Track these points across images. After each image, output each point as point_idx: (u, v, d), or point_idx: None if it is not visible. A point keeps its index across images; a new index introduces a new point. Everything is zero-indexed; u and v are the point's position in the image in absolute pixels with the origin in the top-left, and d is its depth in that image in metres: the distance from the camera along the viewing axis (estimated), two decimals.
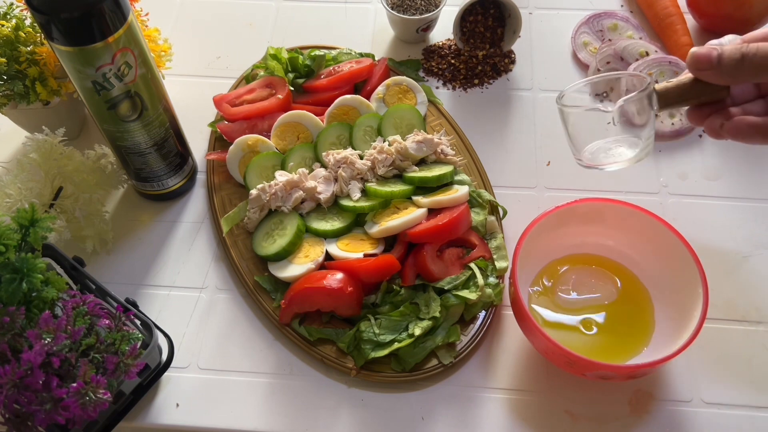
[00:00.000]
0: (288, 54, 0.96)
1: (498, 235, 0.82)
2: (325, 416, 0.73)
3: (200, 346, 0.78)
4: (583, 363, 0.65)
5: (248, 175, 0.85)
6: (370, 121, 0.89)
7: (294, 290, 0.76)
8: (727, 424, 0.71)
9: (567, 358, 0.66)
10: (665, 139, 0.92)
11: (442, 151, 0.86)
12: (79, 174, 0.81)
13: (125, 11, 0.67)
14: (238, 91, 0.93)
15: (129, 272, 0.84)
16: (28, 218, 0.64)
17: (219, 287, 0.82)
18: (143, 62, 0.72)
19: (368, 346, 0.74)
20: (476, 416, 0.73)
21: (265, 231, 0.82)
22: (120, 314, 0.66)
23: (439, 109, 0.95)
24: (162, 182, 0.85)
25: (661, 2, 1.01)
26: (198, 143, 0.92)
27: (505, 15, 0.99)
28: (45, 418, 0.58)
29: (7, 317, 0.60)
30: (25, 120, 0.90)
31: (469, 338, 0.76)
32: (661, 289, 0.75)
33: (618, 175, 0.89)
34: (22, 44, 0.83)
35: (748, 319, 0.78)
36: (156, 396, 0.75)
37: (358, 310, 0.76)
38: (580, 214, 0.75)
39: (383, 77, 0.94)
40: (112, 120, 0.75)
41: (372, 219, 0.81)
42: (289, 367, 0.76)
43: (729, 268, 0.82)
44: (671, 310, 0.72)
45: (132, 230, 0.87)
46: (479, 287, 0.76)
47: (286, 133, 0.89)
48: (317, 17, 1.08)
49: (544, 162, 0.91)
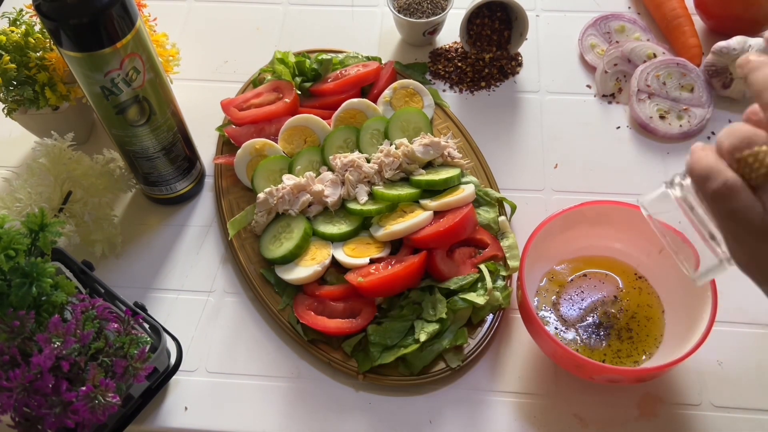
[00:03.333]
0: (295, 58, 0.96)
1: (510, 234, 0.82)
2: (332, 419, 0.73)
3: (208, 350, 0.78)
4: (591, 366, 0.65)
5: (256, 178, 0.85)
6: (377, 124, 0.89)
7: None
8: (736, 428, 0.71)
9: (575, 362, 0.66)
10: (673, 140, 0.92)
11: (449, 154, 0.86)
12: (87, 178, 0.82)
13: (133, 17, 0.68)
14: (246, 95, 0.94)
15: (137, 276, 0.84)
16: (37, 223, 0.65)
17: (227, 290, 0.83)
18: (151, 67, 0.73)
19: (376, 350, 0.74)
20: (484, 420, 0.72)
21: (273, 234, 0.83)
22: (129, 318, 0.66)
23: (446, 112, 0.95)
24: (170, 186, 0.86)
25: (668, 4, 1.00)
26: (206, 147, 0.93)
27: (512, 17, 0.99)
28: (54, 421, 0.59)
29: (17, 321, 0.61)
30: (35, 125, 0.90)
31: (476, 341, 0.76)
32: (670, 291, 0.74)
33: (625, 177, 0.89)
34: (31, 50, 0.83)
35: (757, 322, 0.77)
36: (164, 399, 0.75)
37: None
38: (588, 217, 0.75)
39: (390, 80, 0.94)
40: (120, 125, 0.75)
41: (378, 222, 0.81)
42: (296, 370, 0.76)
43: (738, 270, 0.81)
44: (680, 313, 0.72)
45: (140, 234, 0.87)
46: (487, 290, 0.76)
47: (294, 136, 0.89)
48: (324, 21, 1.08)
49: (551, 165, 0.91)
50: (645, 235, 0.74)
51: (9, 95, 0.84)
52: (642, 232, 0.74)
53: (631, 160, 0.91)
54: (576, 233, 0.76)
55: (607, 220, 0.75)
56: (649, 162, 0.90)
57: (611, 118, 0.95)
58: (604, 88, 0.97)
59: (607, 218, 0.75)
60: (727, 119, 0.93)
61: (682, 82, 0.94)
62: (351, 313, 0.77)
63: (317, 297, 0.78)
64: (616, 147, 0.92)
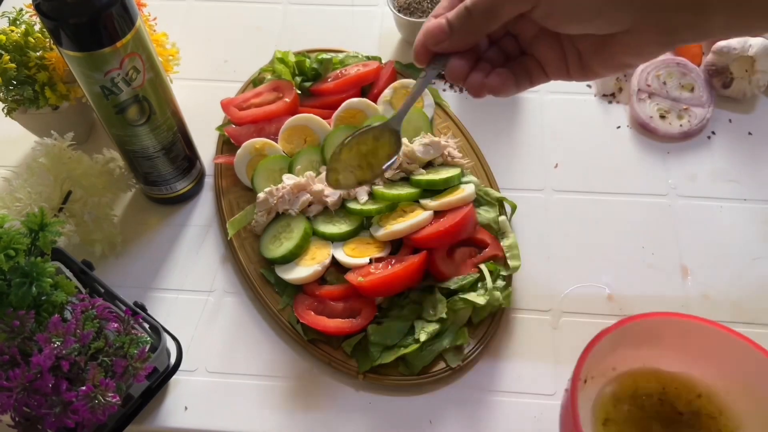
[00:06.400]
0: (295, 57, 0.96)
1: (510, 234, 0.82)
2: (332, 419, 0.73)
3: (208, 349, 0.78)
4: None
5: (256, 178, 0.85)
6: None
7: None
8: None
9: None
10: (674, 140, 0.92)
11: (449, 154, 0.86)
12: (87, 178, 0.82)
13: (133, 16, 0.68)
14: (246, 95, 0.94)
15: (137, 276, 0.84)
16: (37, 222, 0.65)
17: (227, 290, 0.83)
18: (151, 67, 0.73)
19: (376, 350, 0.74)
20: (484, 420, 0.72)
21: (273, 234, 0.83)
22: (128, 318, 0.66)
23: (446, 112, 0.95)
24: (170, 186, 0.86)
25: None
26: (206, 147, 0.93)
27: None
28: (54, 421, 0.59)
29: (17, 321, 0.61)
30: (35, 124, 0.90)
31: (476, 341, 0.76)
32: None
33: (626, 177, 0.89)
34: (31, 49, 0.83)
35: (756, 322, 0.78)
36: (164, 399, 0.75)
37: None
38: (636, 333, 0.63)
39: (390, 80, 0.94)
40: (120, 124, 0.75)
41: (378, 222, 0.81)
42: (296, 370, 0.76)
43: (738, 270, 0.81)
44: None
45: (140, 234, 0.87)
46: (488, 290, 0.75)
47: (294, 136, 0.89)
48: (324, 20, 1.08)
49: (551, 164, 0.91)
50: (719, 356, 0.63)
51: (9, 95, 0.84)
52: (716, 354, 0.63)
53: (631, 160, 0.91)
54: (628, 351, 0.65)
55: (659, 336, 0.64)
56: (650, 162, 0.90)
57: (611, 117, 0.95)
58: (605, 88, 0.97)
59: (658, 333, 0.64)
60: (727, 119, 0.93)
61: (682, 81, 0.94)
62: (351, 312, 0.77)
63: (317, 297, 0.78)
64: (617, 147, 0.92)
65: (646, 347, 0.65)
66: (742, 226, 0.85)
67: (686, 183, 0.88)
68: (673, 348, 0.64)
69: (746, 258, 0.82)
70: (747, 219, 0.85)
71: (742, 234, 0.84)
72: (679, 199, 0.87)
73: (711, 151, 0.91)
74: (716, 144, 0.92)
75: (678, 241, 0.84)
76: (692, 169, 0.90)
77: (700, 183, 0.88)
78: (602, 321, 0.78)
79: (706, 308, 0.79)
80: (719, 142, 0.92)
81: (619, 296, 0.80)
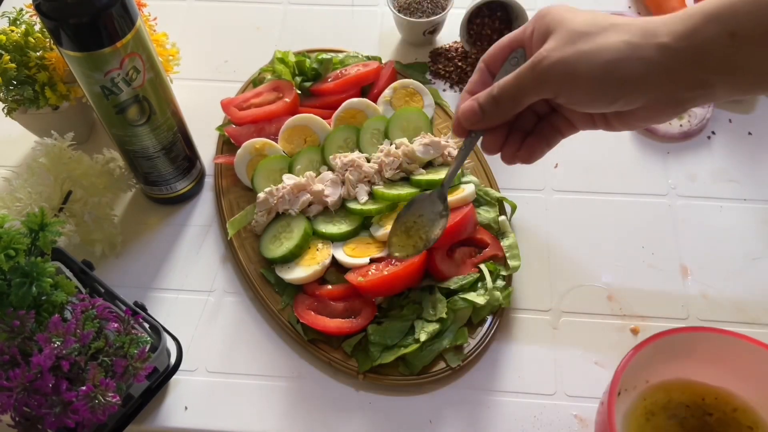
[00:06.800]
0: (295, 57, 0.96)
1: (510, 234, 0.82)
2: (332, 419, 0.73)
3: (208, 349, 0.78)
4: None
5: (256, 178, 0.85)
6: (377, 124, 0.89)
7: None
8: None
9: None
10: (674, 140, 0.92)
11: (449, 154, 0.86)
12: (87, 178, 0.82)
13: (133, 16, 0.68)
14: (246, 95, 0.94)
15: (137, 276, 0.84)
16: (37, 222, 0.65)
17: (227, 290, 0.83)
18: (151, 67, 0.73)
19: (376, 350, 0.74)
20: (484, 420, 0.72)
21: (273, 234, 0.83)
22: (128, 318, 0.66)
23: (446, 112, 0.95)
24: (170, 186, 0.86)
25: (668, 3, 1.00)
26: (206, 147, 0.93)
27: (512, 17, 0.99)
28: (54, 421, 0.59)
29: (17, 321, 0.61)
30: (35, 124, 0.90)
31: (476, 341, 0.76)
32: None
33: (626, 177, 0.89)
34: (31, 49, 0.83)
35: (758, 322, 0.78)
36: (164, 399, 0.75)
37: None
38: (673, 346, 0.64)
39: (390, 80, 0.94)
40: (120, 124, 0.75)
41: (378, 222, 0.81)
42: (296, 370, 0.76)
43: (738, 270, 0.81)
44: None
45: (140, 234, 0.87)
46: (488, 290, 0.76)
47: (294, 136, 0.89)
48: (324, 21, 1.08)
49: (551, 164, 0.91)
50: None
51: (9, 95, 0.84)
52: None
53: (631, 160, 0.91)
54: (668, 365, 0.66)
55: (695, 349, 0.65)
56: (650, 162, 0.90)
57: None
58: None
59: (693, 347, 0.65)
60: (727, 119, 0.93)
61: None
62: (351, 312, 0.77)
63: (317, 297, 0.78)
64: (617, 147, 0.92)
65: (679, 359, 0.66)
66: (742, 226, 0.85)
67: (686, 183, 0.88)
68: (707, 360, 0.65)
69: (746, 258, 0.82)
70: (747, 219, 0.85)
71: (742, 234, 0.84)
72: (679, 199, 0.87)
73: (711, 151, 0.91)
74: (716, 144, 0.92)
75: (678, 241, 0.84)
76: (692, 169, 0.90)
77: (700, 183, 0.88)
78: (602, 321, 0.78)
79: (706, 308, 0.79)
80: (719, 142, 0.92)
81: (619, 296, 0.80)
